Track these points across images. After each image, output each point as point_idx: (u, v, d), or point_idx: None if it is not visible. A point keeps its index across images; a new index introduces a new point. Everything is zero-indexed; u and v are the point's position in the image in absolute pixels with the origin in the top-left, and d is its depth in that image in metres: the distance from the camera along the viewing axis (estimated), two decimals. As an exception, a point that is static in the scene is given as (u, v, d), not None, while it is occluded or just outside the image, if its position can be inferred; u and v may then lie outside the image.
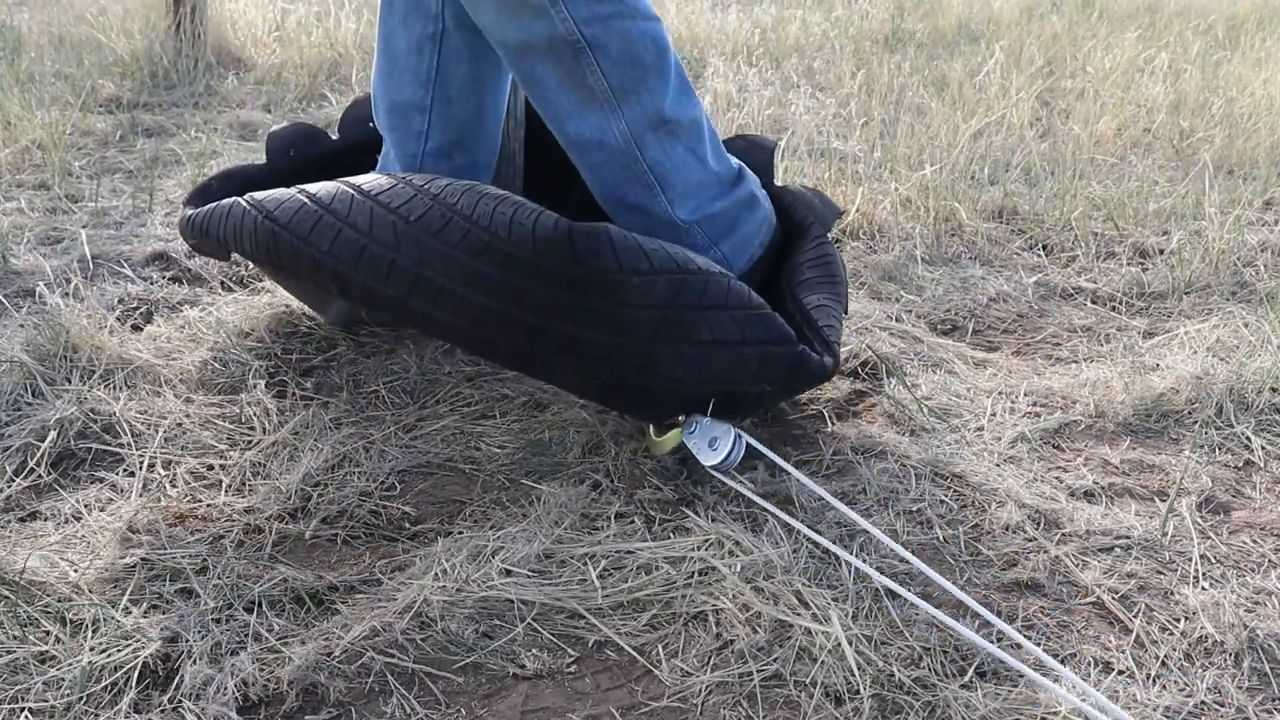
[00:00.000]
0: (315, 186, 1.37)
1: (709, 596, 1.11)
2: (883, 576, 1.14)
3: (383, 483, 1.34)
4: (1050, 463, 1.43)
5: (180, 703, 0.96)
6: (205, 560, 1.16)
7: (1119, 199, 2.47)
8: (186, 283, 1.92)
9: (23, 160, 2.56)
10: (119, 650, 1.01)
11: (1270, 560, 1.23)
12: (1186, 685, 1.03)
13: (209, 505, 1.27)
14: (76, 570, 1.11)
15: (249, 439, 1.41)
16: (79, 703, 0.96)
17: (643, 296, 1.26)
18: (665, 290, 1.26)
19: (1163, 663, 1.06)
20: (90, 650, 1.00)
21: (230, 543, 1.20)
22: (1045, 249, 2.27)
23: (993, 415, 1.53)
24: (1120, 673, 1.04)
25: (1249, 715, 1.00)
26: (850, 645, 1.03)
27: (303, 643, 1.04)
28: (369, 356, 1.64)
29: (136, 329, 1.71)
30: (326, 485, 1.32)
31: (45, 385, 1.46)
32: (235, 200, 1.42)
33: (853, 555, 1.19)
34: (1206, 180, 2.57)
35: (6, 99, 2.87)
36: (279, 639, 1.05)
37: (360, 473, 1.35)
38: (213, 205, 1.45)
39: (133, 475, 1.31)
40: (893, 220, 2.33)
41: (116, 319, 1.71)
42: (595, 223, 1.27)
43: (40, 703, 0.96)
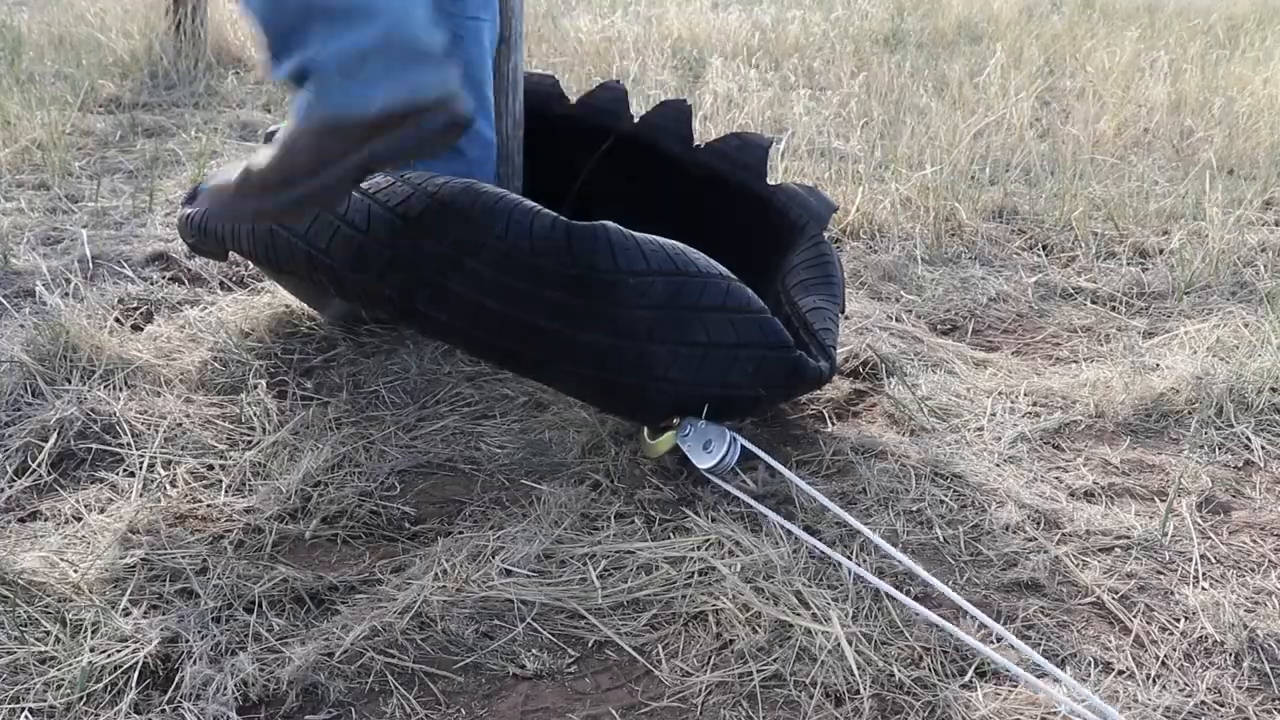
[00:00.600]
0: None
1: (709, 596, 1.11)
2: (880, 580, 1.14)
3: (383, 483, 1.34)
4: (1050, 463, 1.43)
5: (180, 703, 0.96)
6: (205, 560, 1.16)
7: (1119, 199, 2.47)
8: (186, 283, 1.91)
9: (23, 160, 2.56)
10: (119, 650, 1.01)
11: (1270, 560, 1.23)
12: (1186, 685, 1.03)
13: (209, 505, 1.27)
14: (76, 570, 1.11)
15: (249, 439, 1.41)
16: (79, 703, 0.96)
17: (639, 297, 1.25)
18: (662, 291, 1.26)
19: (1163, 663, 1.06)
20: (90, 650, 1.00)
21: (230, 543, 1.20)
22: (1045, 249, 2.27)
23: (993, 415, 1.53)
24: (1120, 673, 1.04)
25: (1249, 715, 1.00)
26: (850, 645, 1.03)
27: (303, 643, 1.04)
28: (369, 356, 1.64)
29: (136, 329, 1.71)
30: (326, 485, 1.31)
31: (45, 385, 1.46)
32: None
33: (852, 556, 1.19)
34: (1207, 180, 2.57)
35: (6, 99, 2.87)
36: (279, 639, 1.05)
37: (360, 473, 1.35)
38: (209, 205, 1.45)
39: (133, 475, 1.31)
40: (893, 220, 2.33)
41: (116, 319, 1.71)
42: (593, 222, 1.26)
43: (40, 703, 0.96)
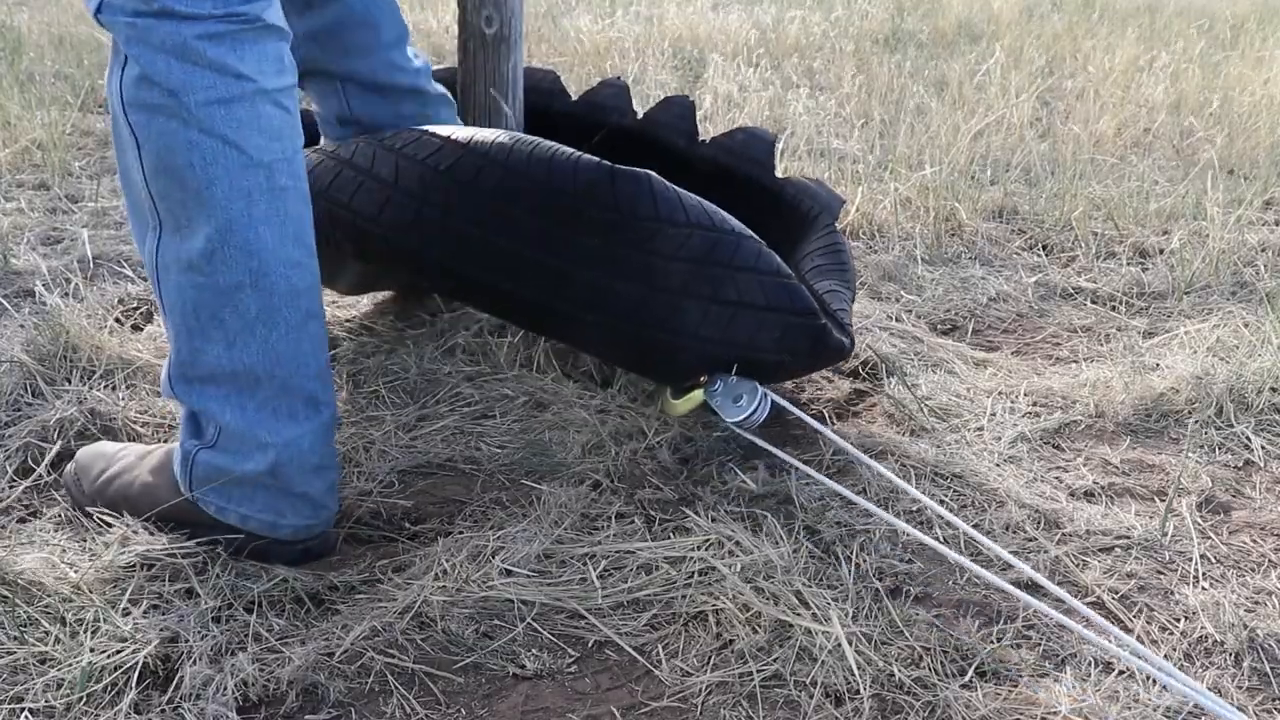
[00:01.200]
0: (331, 144, 1.35)
1: (709, 596, 1.11)
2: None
3: (383, 483, 1.34)
4: (1050, 463, 1.43)
5: (180, 703, 0.96)
6: (205, 560, 1.16)
7: (1119, 199, 2.47)
8: (186, 283, 1.91)
9: (23, 160, 2.56)
10: (119, 650, 1.01)
11: (1270, 560, 1.23)
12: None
13: (209, 505, 1.27)
14: (76, 570, 1.11)
15: (249, 439, 1.41)
16: (79, 703, 0.96)
17: (676, 249, 1.26)
18: (699, 246, 1.26)
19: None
20: (90, 650, 1.00)
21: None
22: (1045, 249, 2.27)
23: (993, 415, 1.53)
24: (1120, 673, 1.04)
25: (1249, 715, 1.00)
26: (850, 645, 1.03)
27: (303, 643, 1.04)
28: (369, 356, 1.64)
29: (136, 329, 1.71)
30: (326, 485, 1.31)
31: (45, 385, 1.46)
32: None
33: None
34: (1207, 180, 2.57)
35: (6, 99, 2.87)
36: (279, 639, 1.05)
37: (360, 473, 1.35)
38: None
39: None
40: (893, 220, 2.33)
41: (116, 319, 1.71)
42: (637, 169, 1.27)
43: (40, 703, 0.96)
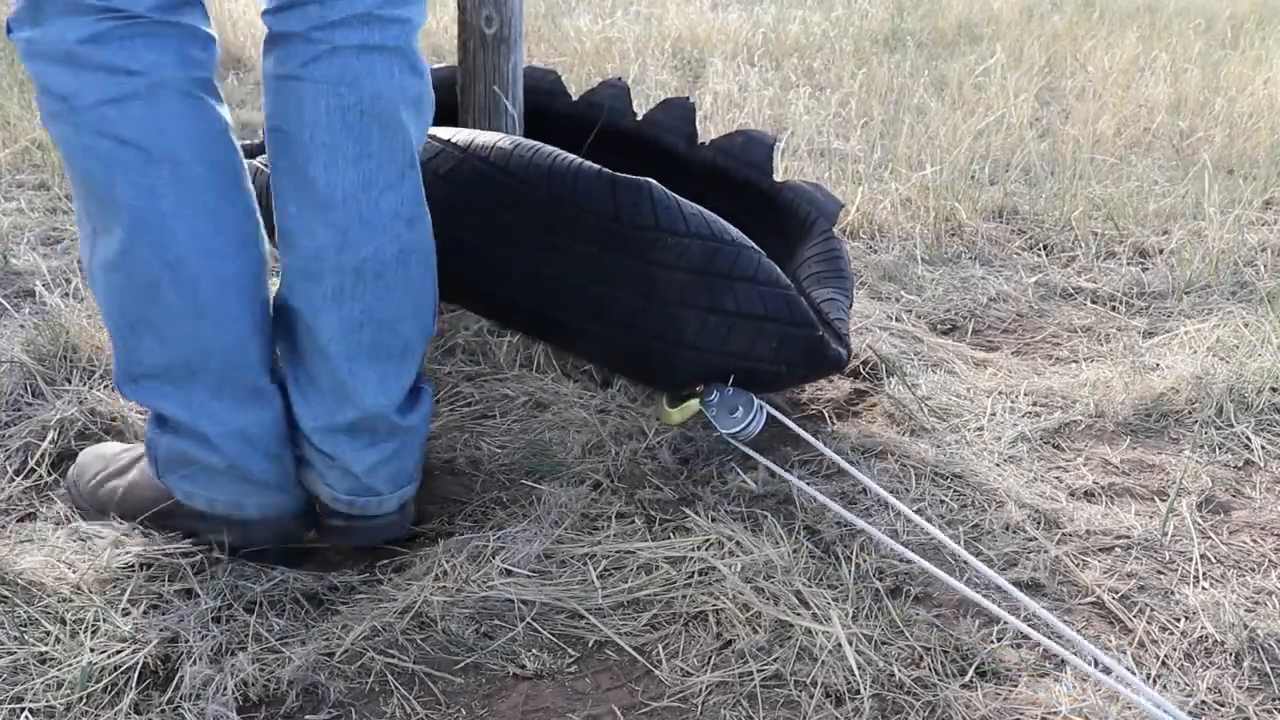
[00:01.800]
0: None
1: (709, 596, 1.11)
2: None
3: (383, 483, 1.34)
4: (1050, 463, 1.43)
5: (180, 703, 0.96)
6: (204, 560, 1.16)
7: (1119, 199, 2.47)
8: (186, 283, 1.91)
9: (23, 160, 2.56)
10: (119, 650, 1.01)
11: (1270, 560, 1.23)
12: (1186, 685, 1.03)
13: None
14: (76, 570, 1.11)
15: (249, 439, 1.41)
16: (79, 703, 0.96)
17: (675, 258, 1.26)
18: (698, 255, 1.27)
19: (1163, 663, 1.06)
20: (90, 650, 1.00)
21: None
22: (1045, 249, 2.27)
23: (993, 415, 1.53)
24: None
25: (1249, 715, 1.00)
26: (850, 645, 1.03)
27: (303, 643, 1.04)
28: (369, 356, 1.64)
29: (136, 329, 1.71)
30: (326, 485, 1.31)
31: (45, 385, 1.46)
32: (249, 164, 1.40)
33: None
34: (1206, 180, 2.57)
35: (6, 99, 2.87)
36: (279, 639, 1.05)
37: (360, 473, 1.35)
38: None
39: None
40: (893, 220, 2.33)
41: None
42: (638, 177, 1.27)
43: (40, 703, 0.96)
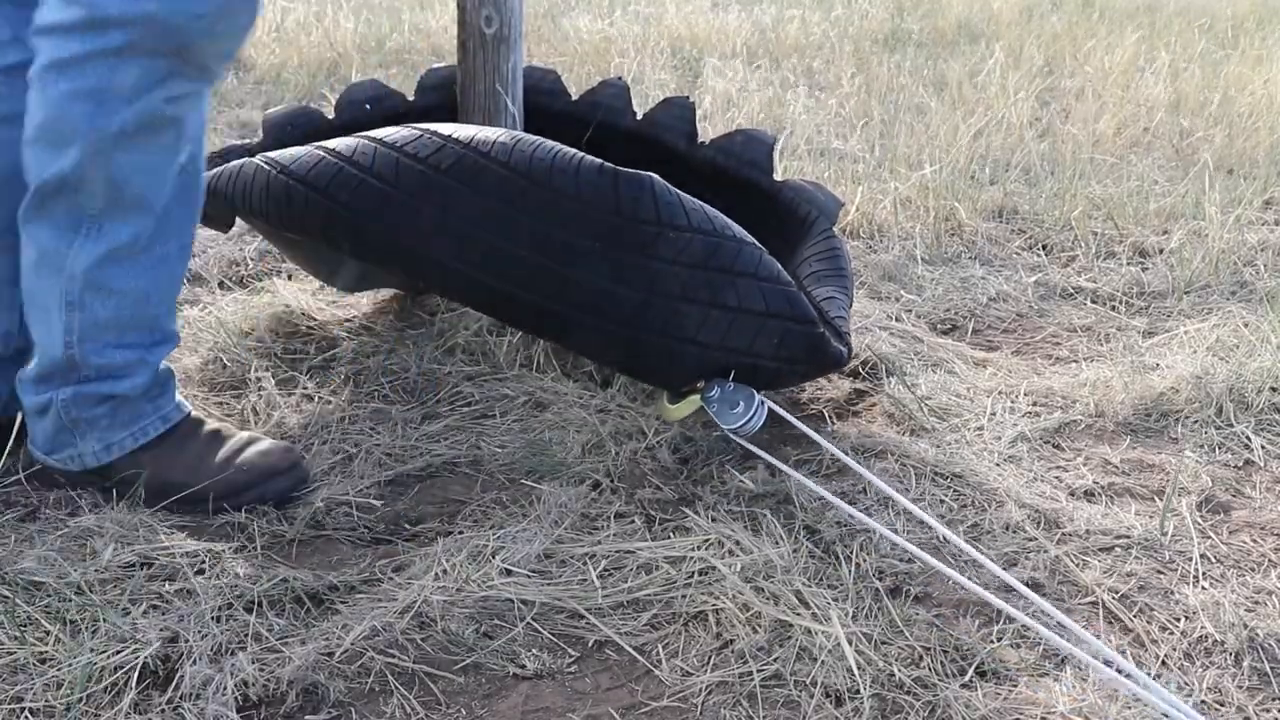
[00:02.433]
0: (334, 142, 1.34)
1: (709, 596, 1.11)
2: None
3: (383, 482, 1.34)
4: (1050, 463, 1.43)
5: (180, 703, 0.96)
6: (205, 560, 1.16)
7: (1119, 199, 2.47)
8: (186, 282, 1.91)
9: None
10: (119, 650, 1.01)
11: (1270, 560, 1.23)
12: (1186, 685, 1.03)
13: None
14: (76, 570, 1.11)
15: (249, 439, 1.41)
16: (79, 703, 0.96)
17: (677, 253, 1.26)
18: (700, 250, 1.26)
19: (1163, 662, 1.06)
20: (90, 650, 1.00)
21: (230, 543, 1.20)
22: (1045, 249, 2.27)
23: (993, 415, 1.53)
24: (1120, 672, 1.04)
25: (1249, 715, 1.00)
26: (850, 645, 1.03)
27: (303, 643, 1.04)
28: (369, 356, 1.64)
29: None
30: (326, 484, 1.31)
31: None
32: (247, 159, 1.39)
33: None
34: (1206, 180, 2.57)
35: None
36: (279, 639, 1.05)
37: (359, 472, 1.35)
38: (222, 166, 1.42)
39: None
40: (893, 220, 2.33)
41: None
42: (640, 171, 1.26)
43: (40, 703, 0.96)
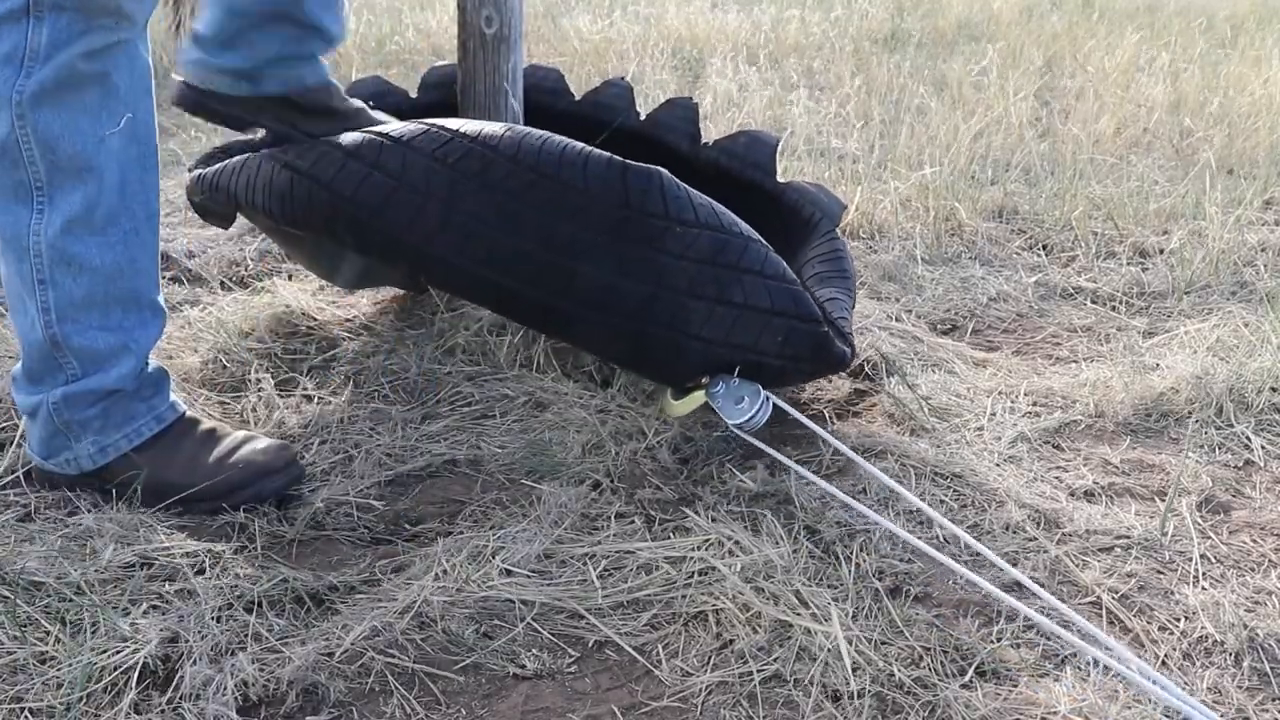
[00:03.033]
0: (341, 136, 1.33)
1: (709, 596, 1.11)
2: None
3: (383, 482, 1.34)
4: (1050, 463, 1.43)
5: (180, 703, 0.96)
6: (205, 560, 1.16)
7: (1119, 199, 2.47)
8: (186, 282, 1.91)
9: (22, 160, 2.55)
10: (119, 650, 1.01)
11: (1270, 560, 1.23)
12: (1186, 685, 1.03)
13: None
14: (76, 570, 1.11)
15: (249, 439, 1.41)
16: (79, 703, 0.96)
17: (684, 248, 1.26)
18: (707, 246, 1.26)
19: (1163, 662, 1.06)
20: (90, 650, 1.00)
21: (230, 543, 1.20)
22: (1045, 249, 2.27)
23: (993, 415, 1.53)
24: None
25: (1249, 715, 1.00)
26: (850, 645, 1.03)
27: (303, 643, 1.04)
28: (369, 356, 1.64)
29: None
30: (326, 484, 1.32)
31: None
32: (250, 155, 1.39)
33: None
34: (1206, 180, 2.57)
35: (6, 99, 2.86)
36: (279, 639, 1.05)
37: (360, 472, 1.35)
38: (226, 161, 1.42)
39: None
40: (893, 220, 2.33)
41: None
42: (648, 165, 1.26)
43: (40, 703, 0.96)
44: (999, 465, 1.40)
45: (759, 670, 1.02)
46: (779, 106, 3.24)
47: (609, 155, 1.25)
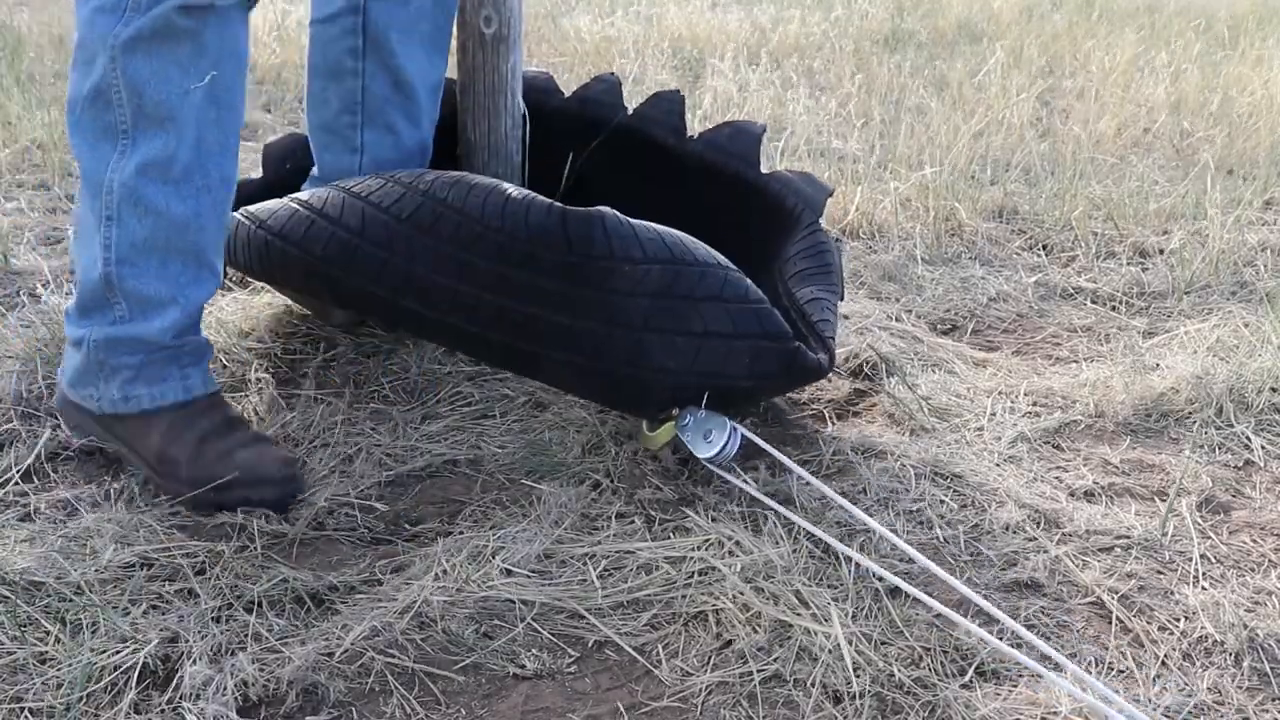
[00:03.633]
0: (306, 193, 1.38)
1: (709, 596, 1.11)
2: (893, 576, 1.14)
3: (383, 483, 1.34)
4: (1050, 463, 1.43)
5: (180, 703, 0.96)
6: (204, 560, 1.16)
7: (1119, 199, 2.47)
8: (186, 283, 1.91)
9: (23, 160, 2.56)
10: (119, 650, 1.01)
11: (1270, 560, 1.23)
12: (1186, 685, 1.03)
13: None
14: (76, 570, 1.11)
15: (249, 439, 1.41)
16: (79, 703, 0.96)
17: (635, 285, 1.25)
18: (659, 280, 1.26)
19: (1163, 662, 1.06)
20: (90, 650, 1.00)
21: (230, 543, 1.20)
22: (1045, 249, 2.27)
23: (993, 415, 1.53)
24: (1120, 672, 1.04)
25: (1249, 715, 1.00)
26: (850, 645, 1.03)
27: (303, 643, 1.04)
28: (369, 356, 1.64)
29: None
30: (327, 485, 1.31)
31: (46, 385, 1.46)
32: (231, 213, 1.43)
33: (853, 556, 1.19)
34: (1207, 180, 2.57)
35: (6, 99, 2.87)
36: (279, 639, 1.05)
37: (360, 472, 1.35)
38: None
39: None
40: (893, 220, 2.33)
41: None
42: (590, 208, 1.26)
43: (40, 703, 0.96)
44: (999, 465, 1.40)
45: (759, 670, 1.02)
46: (779, 106, 3.24)
47: (549, 203, 1.25)
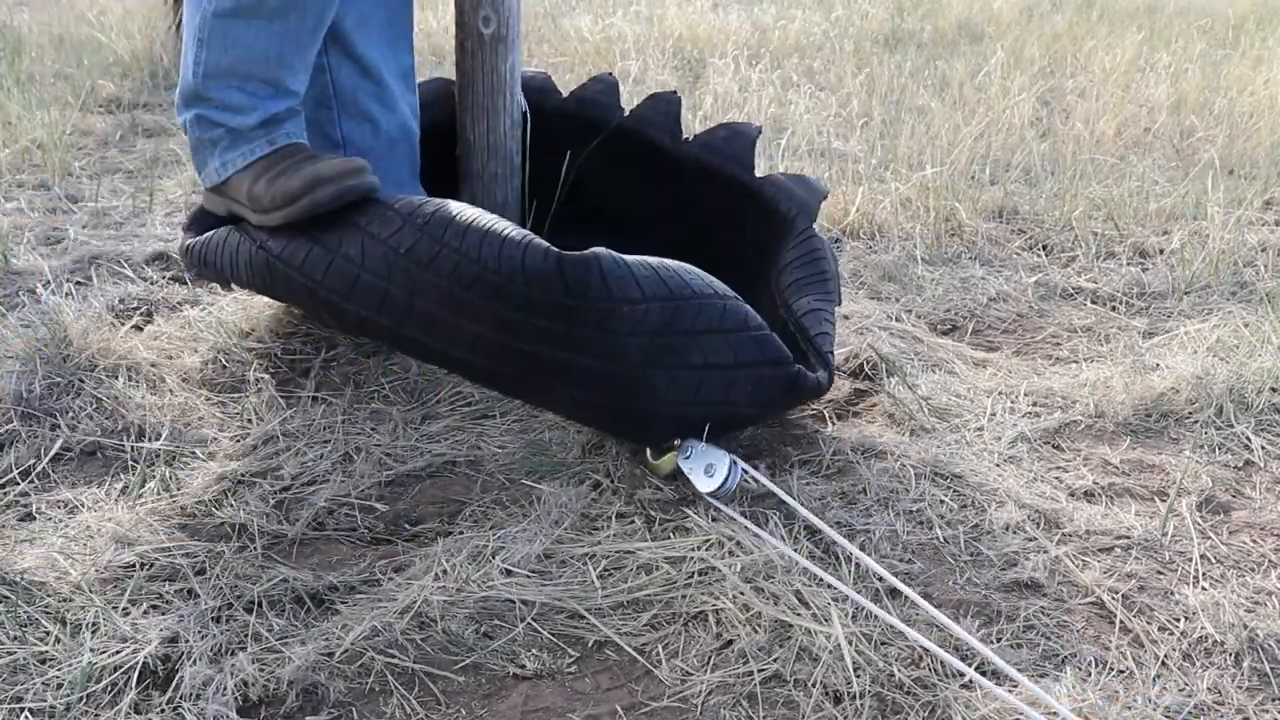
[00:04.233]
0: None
1: (709, 596, 1.11)
2: (893, 577, 1.14)
3: (383, 483, 1.34)
4: (1050, 463, 1.43)
5: (180, 703, 0.96)
6: (205, 560, 1.16)
7: (1119, 199, 2.47)
8: (187, 283, 1.91)
9: (23, 160, 2.56)
10: (119, 650, 1.01)
11: (1270, 560, 1.23)
12: (1186, 685, 1.03)
13: (209, 505, 1.27)
14: (76, 570, 1.11)
15: (250, 438, 1.41)
16: (79, 703, 0.96)
17: (635, 325, 1.24)
18: (658, 317, 1.25)
19: (1163, 663, 1.06)
20: (90, 650, 1.00)
21: (230, 543, 1.20)
22: (1045, 249, 2.27)
23: (993, 415, 1.53)
24: (1120, 672, 1.04)
25: (1249, 715, 1.00)
26: (850, 645, 1.03)
27: (303, 643, 1.04)
28: (369, 356, 1.64)
29: (137, 329, 1.71)
30: (327, 485, 1.32)
31: (45, 385, 1.46)
32: (230, 229, 1.44)
33: (854, 557, 1.19)
34: (1207, 180, 2.57)
35: (6, 99, 2.87)
36: (279, 639, 1.05)
37: (360, 472, 1.35)
38: (210, 234, 1.47)
39: (134, 474, 1.31)
40: (893, 220, 2.33)
41: (117, 318, 1.71)
42: (586, 252, 1.24)
43: (40, 703, 0.96)
44: (999, 465, 1.40)
45: (759, 670, 1.02)
46: (779, 106, 3.24)
47: (545, 247, 1.24)
